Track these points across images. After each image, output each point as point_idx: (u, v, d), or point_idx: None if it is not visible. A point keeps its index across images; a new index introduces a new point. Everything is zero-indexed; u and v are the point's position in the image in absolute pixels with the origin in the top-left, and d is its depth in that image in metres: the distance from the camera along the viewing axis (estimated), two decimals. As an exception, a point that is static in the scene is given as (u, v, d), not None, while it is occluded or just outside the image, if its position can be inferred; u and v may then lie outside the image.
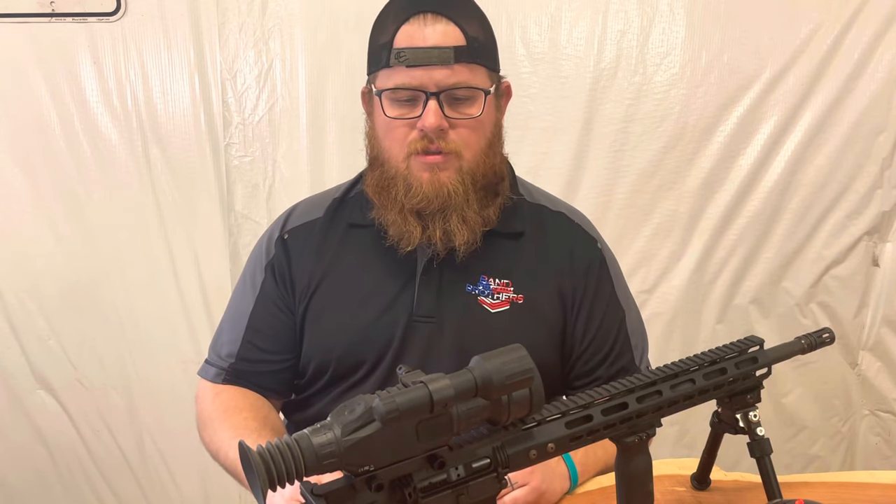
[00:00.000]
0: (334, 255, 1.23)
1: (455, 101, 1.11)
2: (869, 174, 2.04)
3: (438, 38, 1.09)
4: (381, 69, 1.13)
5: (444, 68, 1.09)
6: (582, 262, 1.24)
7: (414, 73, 1.09)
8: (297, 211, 1.30)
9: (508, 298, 1.20)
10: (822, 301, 2.13)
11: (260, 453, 0.64)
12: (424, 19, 1.10)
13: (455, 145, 1.12)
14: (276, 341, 1.25)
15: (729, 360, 0.92)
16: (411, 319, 1.19)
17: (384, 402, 0.64)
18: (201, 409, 1.25)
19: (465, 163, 1.14)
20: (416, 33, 1.10)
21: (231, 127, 2.01)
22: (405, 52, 1.09)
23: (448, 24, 1.10)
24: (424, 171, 1.13)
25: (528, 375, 0.71)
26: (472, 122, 1.13)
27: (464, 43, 1.10)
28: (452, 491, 0.73)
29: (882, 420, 2.26)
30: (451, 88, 1.10)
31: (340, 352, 1.20)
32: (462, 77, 1.10)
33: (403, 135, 1.13)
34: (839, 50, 1.96)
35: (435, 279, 1.19)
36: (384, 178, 1.17)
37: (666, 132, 2.00)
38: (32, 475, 2.19)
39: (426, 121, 1.10)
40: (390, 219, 1.17)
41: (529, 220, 1.24)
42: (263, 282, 1.25)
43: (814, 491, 1.08)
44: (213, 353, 1.29)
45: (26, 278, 2.07)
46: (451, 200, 1.13)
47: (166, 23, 1.96)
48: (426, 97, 1.10)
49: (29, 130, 2.00)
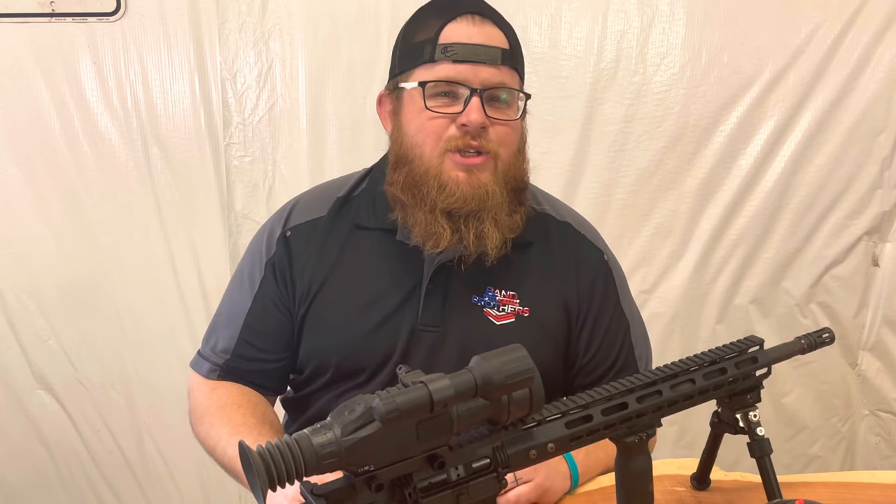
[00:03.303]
0: (337, 258, 1.21)
1: (495, 101, 1.11)
2: (869, 174, 2.04)
3: (486, 38, 1.11)
4: (422, 65, 1.12)
5: (490, 67, 1.10)
6: (587, 275, 1.23)
7: (460, 69, 1.09)
8: (300, 206, 1.27)
9: (514, 311, 1.19)
10: (822, 301, 2.13)
11: (260, 453, 0.64)
12: (472, 19, 1.11)
13: (494, 145, 1.12)
14: (272, 341, 1.24)
15: (729, 360, 0.92)
16: (415, 328, 1.17)
17: (384, 402, 0.64)
18: (196, 403, 1.24)
19: (501, 164, 1.13)
20: (464, 31, 1.10)
21: (231, 127, 2.01)
22: (453, 47, 1.09)
23: (494, 28, 1.13)
24: (460, 170, 1.11)
25: (528, 375, 0.71)
26: (510, 124, 1.13)
27: (507, 46, 1.12)
28: (452, 491, 0.73)
29: (882, 420, 2.26)
30: (495, 87, 1.11)
31: (340, 357, 1.19)
32: (506, 78, 1.12)
33: (441, 129, 1.11)
34: (839, 50, 1.96)
35: (441, 288, 1.17)
36: (413, 176, 1.13)
37: (666, 132, 2.00)
38: (32, 475, 2.19)
39: (470, 116, 1.09)
40: (418, 218, 1.13)
41: (536, 231, 1.23)
42: (263, 280, 1.23)
43: (814, 491, 1.08)
44: (207, 346, 1.27)
45: (26, 278, 2.07)
46: (487, 202, 1.12)
47: (166, 23, 1.96)
48: (469, 94, 1.09)
49: (29, 130, 2.00)
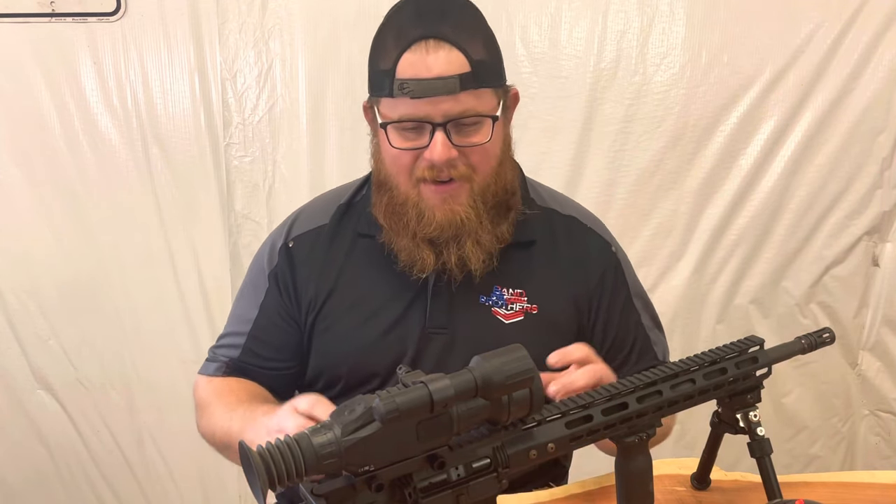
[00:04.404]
0: (342, 266, 1.21)
1: (462, 127, 1.08)
2: (869, 174, 2.04)
3: (442, 68, 1.05)
4: (385, 97, 1.09)
5: (449, 98, 1.05)
6: (597, 269, 1.23)
7: (419, 105, 1.06)
8: (302, 217, 1.27)
9: (522, 309, 1.19)
10: (822, 301, 2.13)
11: (260, 453, 0.64)
12: (426, 46, 1.05)
13: (465, 171, 1.11)
14: (278, 350, 1.24)
15: (729, 360, 0.93)
16: (424, 331, 1.18)
17: (384, 402, 0.64)
18: (198, 398, 1.24)
19: (476, 184, 1.12)
20: (418, 62, 1.05)
21: (231, 127, 2.01)
22: (409, 84, 1.05)
23: (451, 51, 1.06)
24: (436, 199, 1.12)
25: (528, 375, 0.71)
26: (480, 148, 1.11)
27: (468, 69, 1.06)
28: (452, 491, 0.73)
29: (882, 420, 2.26)
30: (457, 118, 1.07)
31: (351, 365, 1.19)
32: (468, 105, 1.07)
33: (410, 163, 1.11)
34: (839, 50, 1.96)
35: (447, 291, 1.18)
36: (394, 204, 1.14)
37: (666, 132, 2.00)
38: (32, 475, 2.19)
39: (434, 154, 1.07)
40: (402, 244, 1.15)
41: (540, 228, 1.23)
42: (267, 291, 1.24)
43: (814, 491, 1.07)
44: (213, 352, 1.28)
45: (26, 278, 2.07)
46: (464, 227, 1.12)
47: (166, 23, 1.95)
48: (433, 128, 1.07)
49: (29, 130, 2.00)
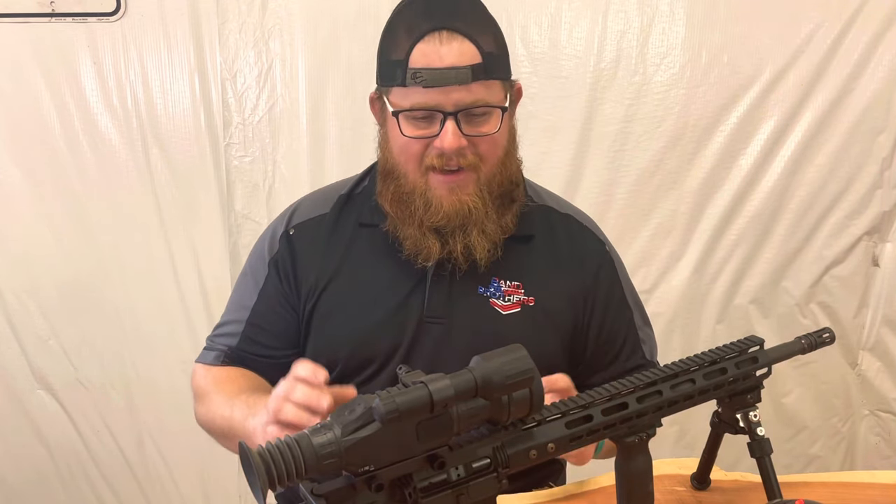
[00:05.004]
0: (343, 254, 1.23)
1: (472, 117, 1.11)
2: (869, 174, 2.04)
3: (455, 58, 1.08)
4: (396, 87, 1.11)
5: (461, 88, 1.08)
6: (592, 265, 1.25)
7: (431, 94, 1.08)
8: (303, 206, 1.29)
9: (519, 301, 1.20)
10: (822, 301, 2.13)
11: (260, 453, 0.64)
12: (440, 37, 1.08)
13: (473, 160, 1.13)
14: (276, 337, 1.25)
15: (729, 360, 0.93)
16: (422, 320, 1.19)
17: (384, 402, 0.64)
18: (196, 387, 1.25)
19: (483, 175, 1.15)
20: (431, 53, 1.08)
21: (231, 127, 2.01)
22: (422, 73, 1.08)
23: (464, 42, 1.08)
24: (443, 188, 1.14)
25: (528, 375, 0.71)
26: (488, 138, 1.13)
27: (480, 60, 1.09)
28: (452, 491, 0.73)
29: (882, 420, 2.26)
30: (468, 107, 1.10)
31: (349, 351, 1.20)
32: (479, 95, 1.10)
33: (420, 151, 1.13)
34: (839, 50, 1.96)
35: (446, 280, 1.19)
36: (401, 193, 1.17)
37: (666, 132, 2.00)
38: (32, 475, 2.19)
39: (445, 142, 1.09)
40: (408, 233, 1.17)
41: (539, 223, 1.25)
42: (266, 278, 1.25)
43: (814, 491, 1.08)
44: (213, 339, 1.29)
45: (26, 278, 2.07)
46: (471, 217, 1.14)
47: (166, 23, 1.95)
48: (444, 117, 1.09)
49: (29, 130, 2.00)
